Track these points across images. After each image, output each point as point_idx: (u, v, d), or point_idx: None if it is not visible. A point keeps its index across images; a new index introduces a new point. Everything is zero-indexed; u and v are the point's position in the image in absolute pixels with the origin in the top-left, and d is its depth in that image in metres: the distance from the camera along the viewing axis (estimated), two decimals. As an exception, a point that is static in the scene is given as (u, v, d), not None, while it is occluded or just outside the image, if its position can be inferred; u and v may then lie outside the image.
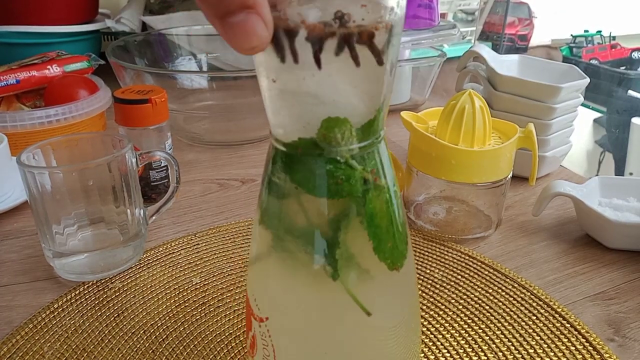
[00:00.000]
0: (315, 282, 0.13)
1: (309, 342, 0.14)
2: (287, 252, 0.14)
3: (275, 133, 0.13)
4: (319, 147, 0.12)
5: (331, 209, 0.13)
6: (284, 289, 0.14)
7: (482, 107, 0.28)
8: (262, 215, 0.14)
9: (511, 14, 0.72)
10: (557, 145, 0.35)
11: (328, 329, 0.14)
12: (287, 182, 0.13)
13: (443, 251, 0.28)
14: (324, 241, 0.13)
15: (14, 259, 0.27)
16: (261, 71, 0.12)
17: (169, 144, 0.32)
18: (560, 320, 0.23)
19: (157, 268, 0.26)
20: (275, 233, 0.14)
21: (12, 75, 0.36)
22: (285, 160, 0.13)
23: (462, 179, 0.27)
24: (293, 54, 0.11)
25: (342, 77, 0.11)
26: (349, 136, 0.12)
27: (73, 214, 0.25)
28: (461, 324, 0.23)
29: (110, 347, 0.21)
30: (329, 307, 0.14)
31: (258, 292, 0.15)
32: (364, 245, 0.13)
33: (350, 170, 0.12)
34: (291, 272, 0.14)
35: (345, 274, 0.13)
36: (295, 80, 0.12)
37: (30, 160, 0.24)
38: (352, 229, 0.13)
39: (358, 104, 0.12)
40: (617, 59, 1.04)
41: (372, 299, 0.14)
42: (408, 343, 0.16)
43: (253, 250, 0.15)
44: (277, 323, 0.14)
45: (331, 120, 0.12)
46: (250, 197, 0.34)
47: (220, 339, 0.22)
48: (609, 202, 0.30)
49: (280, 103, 0.12)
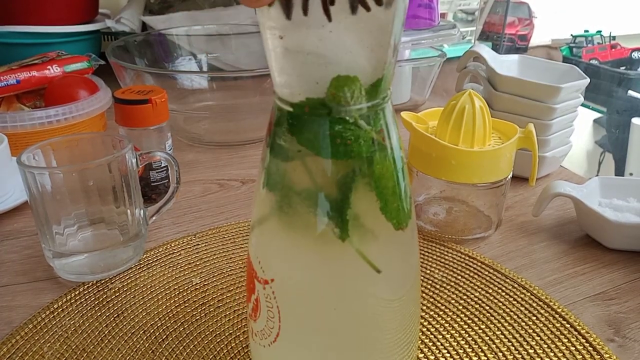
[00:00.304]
0: (323, 243, 0.13)
1: (316, 300, 0.14)
2: (293, 214, 0.13)
3: (280, 93, 0.13)
4: (327, 107, 0.12)
5: (339, 170, 0.13)
6: (290, 251, 0.14)
7: (482, 107, 0.28)
8: (267, 177, 0.14)
9: (511, 13, 0.72)
10: (557, 145, 0.35)
11: (336, 287, 0.14)
12: (293, 143, 0.13)
13: (443, 251, 0.28)
14: (332, 202, 0.13)
15: (14, 259, 0.27)
16: (267, 28, 0.12)
17: (169, 144, 0.32)
18: (560, 321, 0.23)
19: (157, 268, 0.26)
20: (280, 195, 0.13)
21: (12, 76, 0.36)
22: (291, 122, 0.13)
23: (462, 180, 0.27)
24: (303, 6, 0.10)
25: (351, 32, 0.11)
26: (358, 95, 0.12)
27: (73, 214, 0.25)
28: (461, 325, 0.23)
29: (110, 348, 0.21)
30: (337, 266, 0.14)
31: (263, 255, 0.15)
32: (371, 205, 0.13)
33: (359, 130, 0.12)
34: (298, 234, 0.13)
35: (353, 234, 0.13)
36: (304, 37, 0.11)
37: (30, 161, 0.24)
38: (360, 189, 0.13)
39: (366, 61, 0.12)
40: (617, 59, 1.03)
41: (379, 257, 0.14)
42: (411, 302, 0.16)
43: (256, 213, 0.15)
44: (283, 284, 0.14)
45: (341, 79, 0.12)
46: (251, 197, 0.34)
47: (220, 339, 0.22)
48: (609, 203, 0.30)
49: (287, 62, 0.12)
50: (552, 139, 0.34)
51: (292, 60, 0.12)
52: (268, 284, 0.14)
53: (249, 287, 0.16)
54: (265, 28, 0.12)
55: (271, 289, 0.14)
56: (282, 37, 0.11)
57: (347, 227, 0.13)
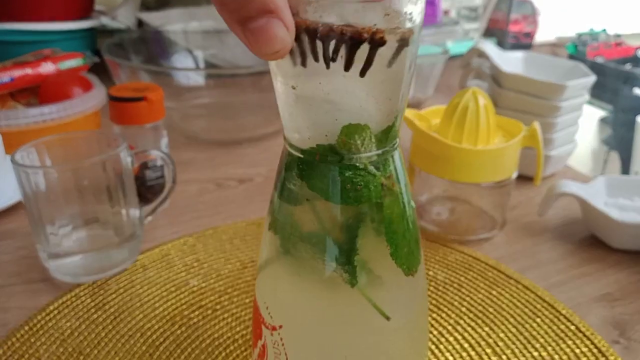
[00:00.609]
0: (331, 289, 0.13)
1: (326, 349, 0.14)
2: (302, 259, 0.13)
3: (290, 139, 0.13)
4: (337, 154, 0.12)
5: (349, 215, 0.13)
6: (299, 297, 0.14)
7: (486, 105, 0.27)
8: (275, 221, 0.14)
9: (516, 10, 0.71)
10: (563, 144, 0.35)
11: (346, 334, 0.14)
12: (303, 188, 0.13)
13: (446, 252, 0.28)
14: (341, 248, 0.13)
15: (8, 260, 0.27)
16: (279, 77, 0.12)
17: (165, 142, 0.32)
18: (565, 322, 0.23)
19: (153, 270, 0.26)
20: (289, 240, 0.14)
21: (6, 73, 0.36)
22: (302, 167, 0.13)
23: (465, 179, 0.27)
24: (315, 58, 0.11)
25: (362, 83, 0.12)
26: (369, 143, 0.12)
27: (67, 214, 0.24)
28: (465, 327, 0.22)
29: (107, 351, 0.21)
30: (346, 313, 0.14)
31: (270, 300, 0.15)
32: (381, 251, 0.13)
33: (369, 176, 0.13)
34: (306, 280, 0.14)
35: (363, 280, 0.13)
36: (315, 87, 0.12)
37: (24, 160, 0.23)
38: (369, 235, 0.13)
39: (377, 110, 0.12)
40: (622, 57, 1.02)
41: (389, 303, 0.14)
42: (420, 343, 0.16)
43: (263, 257, 0.15)
44: (291, 331, 0.14)
45: (351, 127, 0.12)
46: (248, 197, 0.33)
47: (218, 343, 0.22)
48: (615, 202, 0.29)
49: (299, 109, 0.12)
50: (558, 137, 0.34)
51: (303, 108, 0.12)
52: (276, 330, 0.14)
53: (255, 333, 0.16)
54: (277, 77, 0.12)
55: (279, 336, 0.14)
56: (294, 87, 0.12)
57: (356, 273, 0.13)
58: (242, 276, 0.26)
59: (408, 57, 0.12)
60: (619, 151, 0.96)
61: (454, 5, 0.67)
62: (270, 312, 0.14)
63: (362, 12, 0.10)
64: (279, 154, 0.14)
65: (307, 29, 0.11)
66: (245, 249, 0.28)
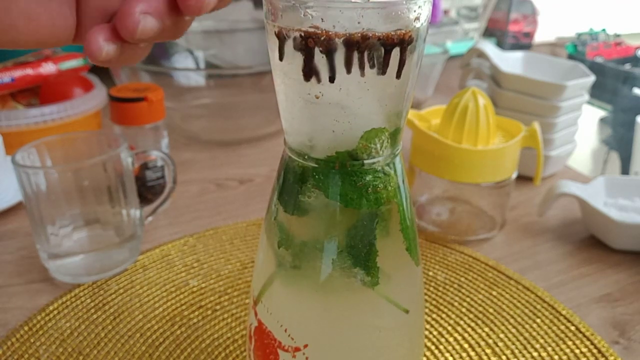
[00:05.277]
0: (351, 295, 0.13)
1: (353, 354, 0.14)
2: (320, 273, 0.13)
3: (305, 151, 0.13)
4: (357, 159, 0.13)
5: (367, 219, 0.13)
6: (322, 311, 0.14)
7: (485, 105, 0.27)
8: (284, 241, 0.14)
9: (515, 10, 0.71)
10: (562, 144, 0.35)
11: (370, 336, 0.14)
12: (320, 197, 0.13)
13: (446, 253, 0.28)
14: (361, 252, 0.13)
15: (9, 260, 0.27)
16: (299, 91, 0.12)
17: (165, 143, 0.32)
18: (565, 323, 0.23)
19: (153, 270, 0.26)
20: (302, 256, 0.13)
21: (6, 74, 0.36)
22: (317, 177, 0.13)
23: (465, 179, 0.27)
24: (349, 69, 0.11)
25: (376, 87, 0.12)
26: (386, 145, 0.13)
27: (68, 214, 0.24)
28: (464, 327, 0.22)
29: (106, 351, 0.21)
30: (369, 315, 0.14)
31: (289, 322, 0.14)
32: (398, 247, 0.14)
33: (387, 177, 0.13)
34: (327, 292, 0.14)
35: (382, 280, 0.13)
36: (336, 94, 0.12)
37: (25, 160, 0.23)
38: (388, 234, 0.13)
39: (388, 112, 0.12)
40: (621, 57, 1.03)
41: (404, 297, 0.14)
42: (422, 332, 0.16)
43: (266, 282, 0.14)
44: (318, 347, 0.14)
45: (372, 131, 0.12)
46: (249, 197, 0.34)
47: (218, 343, 0.22)
48: (615, 203, 0.29)
49: (319, 119, 0.12)
50: (557, 137, 0.34)
51: (324, 118, 0.12)
52: (300, 351, 0.14)
53: (264, 358, 0.15)
54: (297, 96, 0.12)
55: (304, 356, 0.14)
56: (317, 96, 0.12)
57: (377, 274, 0.13)
58: (242, 276, 0.26)
59: (417, 57, 0.12)
60: (618, 151, 0.96)
61: (454, 5, 0.67)
62: (291, 333, 0.14)
63: (368, 17, 0.11)
64: (279, 154, 0.14)
65: (347, 41, 0.11)
66: (246, 250, 0.28)
